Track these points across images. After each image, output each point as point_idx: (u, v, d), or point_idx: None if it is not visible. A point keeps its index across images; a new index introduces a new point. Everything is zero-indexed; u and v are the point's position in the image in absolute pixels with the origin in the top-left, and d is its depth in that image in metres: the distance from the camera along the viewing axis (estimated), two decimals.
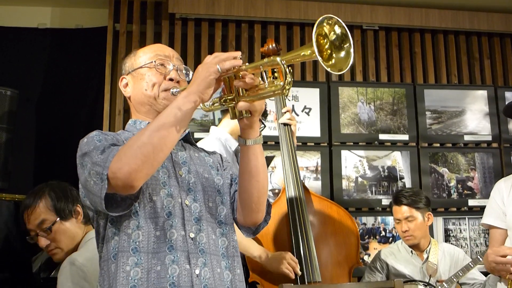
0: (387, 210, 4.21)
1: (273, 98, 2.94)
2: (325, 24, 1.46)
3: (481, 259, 3.16)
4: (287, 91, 1.50)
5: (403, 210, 3.31)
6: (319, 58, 1.42)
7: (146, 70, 1.80)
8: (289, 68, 1.48)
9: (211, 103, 1.70)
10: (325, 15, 1.46)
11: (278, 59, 1.47)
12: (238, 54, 1.56)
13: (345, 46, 1.49)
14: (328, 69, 1.45)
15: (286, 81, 1.46)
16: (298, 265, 2.64)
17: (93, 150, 1.57)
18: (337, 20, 1.47)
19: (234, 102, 1.60)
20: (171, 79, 1.78)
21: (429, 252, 3.32)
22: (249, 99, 1.57)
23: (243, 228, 1.83)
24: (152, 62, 1.79)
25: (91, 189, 1.54)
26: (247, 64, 1.57)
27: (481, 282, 3.24)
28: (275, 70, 1.64)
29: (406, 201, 3.32)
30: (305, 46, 1.45)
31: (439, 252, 3.33)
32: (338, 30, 1.48)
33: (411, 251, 3.34)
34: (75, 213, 2.46)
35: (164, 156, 1.54)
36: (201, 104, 1.73)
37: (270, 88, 1.52)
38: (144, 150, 1.48)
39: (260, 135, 1.68)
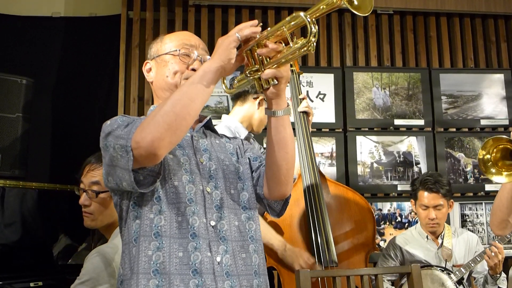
0: (402, 196, 4.19)
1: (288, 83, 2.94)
2: None
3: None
4: (312, 46, 1.43)
5: (434, 198, 3.22)
6: (344, 3, 1.37)
7: (170, 57, 1.81)
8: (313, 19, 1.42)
9: (236, 81, 1.70)
10: None
11: (301, 13, 1.44)
12: (256, 22, 1.56)
13: None
14: (356, 12, 1.40)
15: (311, 33, 1.41)
16: (314, 266, 2.60)
17: (116, 128, 1.58)
18: None
19: (259, 73, 1.58)
20: (193, 70, 1.77)
21: (443, 237, 3.30)
22: (275, 65, 1.54)
23: (270, 204, 1.81)
24: (176, 50, 1.80)
25: (118, 163, 1.54)
26: (268, 29, 1.55)
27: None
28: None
29: (442, 190, 3.21)
30: None
31: (452, 236, 3.31)
32: None
33: (426, 236, 3.32)
34: None
35: (187, 124, 1.53)
36: (226, 83, 1.73)
37: (294, 45, 1.47)
38: (166, 118, 1.49)
39: (288, 105, 1.66)
